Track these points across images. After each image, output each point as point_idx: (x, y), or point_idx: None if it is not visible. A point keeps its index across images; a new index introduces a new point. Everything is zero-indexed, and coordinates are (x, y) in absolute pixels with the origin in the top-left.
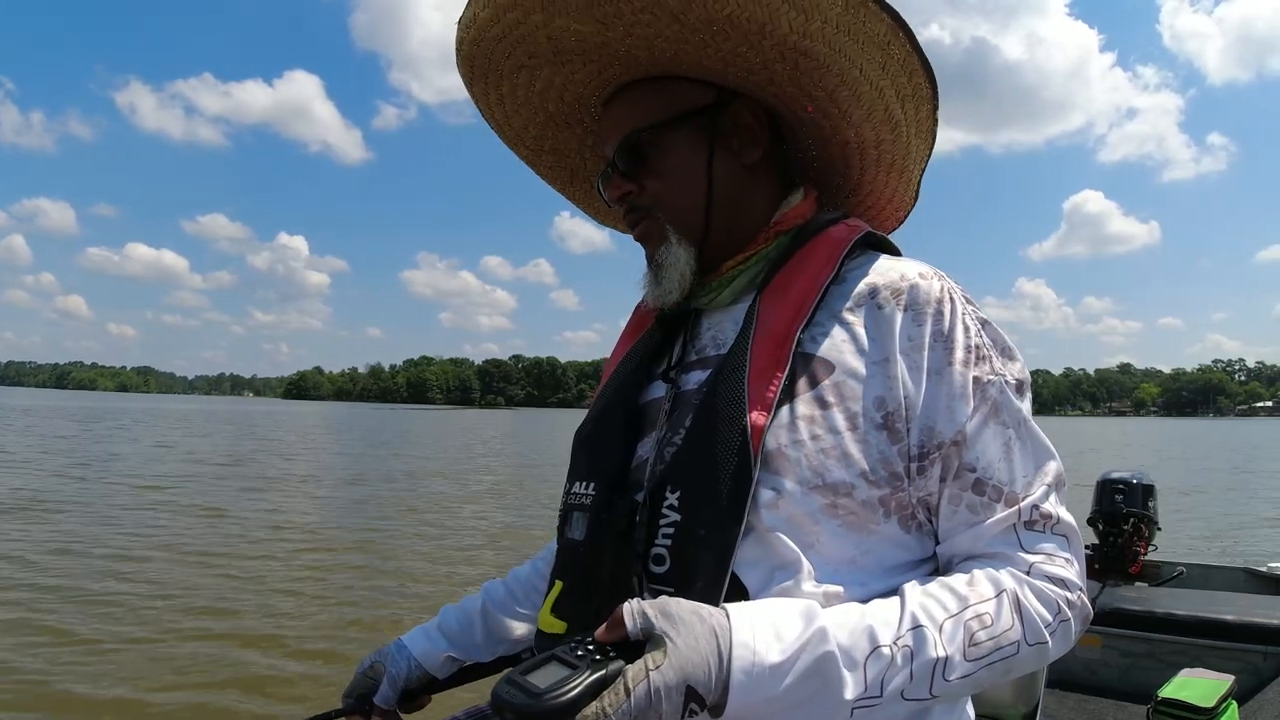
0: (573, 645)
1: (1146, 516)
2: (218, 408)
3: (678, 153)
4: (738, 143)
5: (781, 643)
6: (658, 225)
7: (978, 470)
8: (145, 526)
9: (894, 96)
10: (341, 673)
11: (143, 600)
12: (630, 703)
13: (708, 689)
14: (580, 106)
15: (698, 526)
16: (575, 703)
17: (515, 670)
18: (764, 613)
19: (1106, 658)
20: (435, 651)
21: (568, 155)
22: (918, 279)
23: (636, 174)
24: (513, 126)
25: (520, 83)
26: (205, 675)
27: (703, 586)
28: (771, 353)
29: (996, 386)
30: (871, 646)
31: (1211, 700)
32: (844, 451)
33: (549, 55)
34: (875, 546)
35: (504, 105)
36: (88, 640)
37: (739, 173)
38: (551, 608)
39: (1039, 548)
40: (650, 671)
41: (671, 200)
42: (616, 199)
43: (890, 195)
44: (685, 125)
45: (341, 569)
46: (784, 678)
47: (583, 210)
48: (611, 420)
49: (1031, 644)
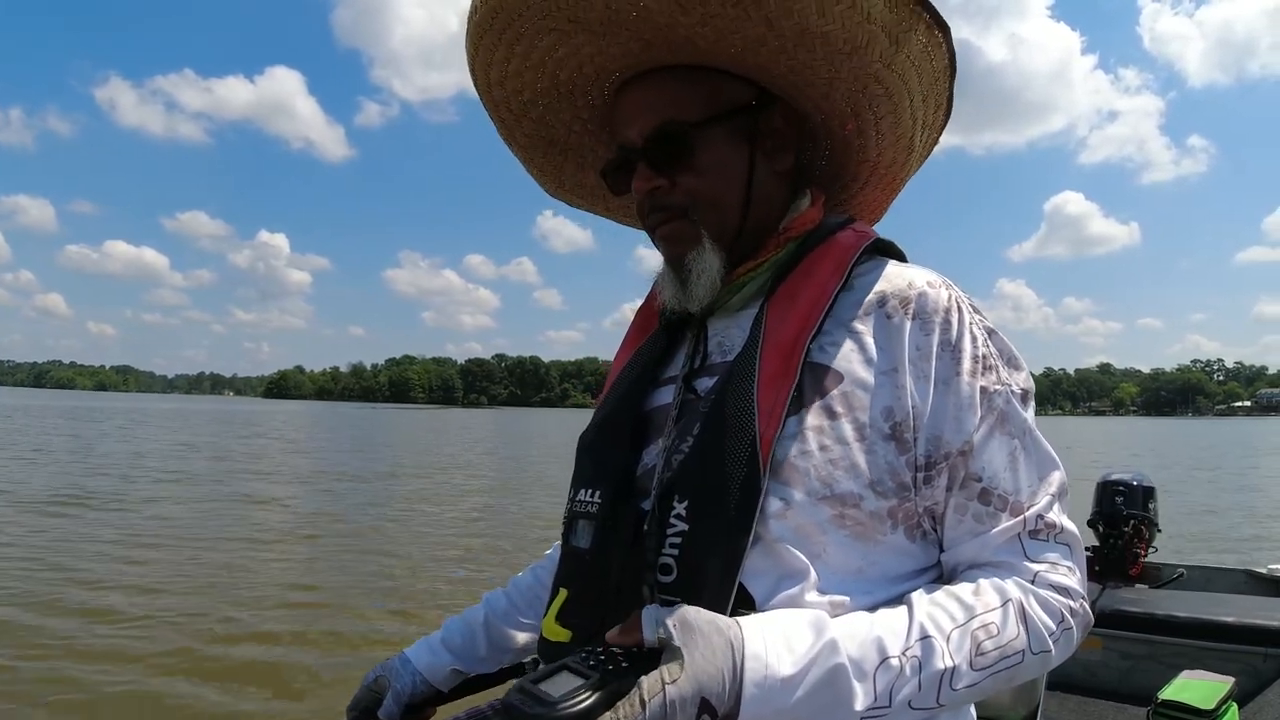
0: (584, 655)
1: (1147, 518)
2: (203, 407)
3: (719, 151)
4: (772, 146)
5: (793, 655)
6: (691, 228)
7: (984, 480)
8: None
9: (920, 126)
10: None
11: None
12: (645, 715)
13: (721, 700)
14: (594, 81)
15: (705, 536)
16: (589, 712)
17: (527, 679)
18: (775, 624)
19: (1107, 660)
20: (439, 665)
21: (553, 126)
22: (926, 288)
23: (670, 168)
24: (505, 88)
25: (542, 45)
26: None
27: (710, 596)
28: (780, 362)
29: (1003, 396)
30: (881, 658)
31: (1212, 702)
32: (852, 462)
33: (597, 24)
34: (881, 557)
35: (508, 64)
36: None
37: (772, 178)
38: (556, 616)
39: (1043, 557)
40: (666, 685)
41: (710, 201)
42: (646, 192)
43: (875, 206)
44: (728, 123)
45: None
46: (795, 690)
47: (541, 179)
48: (617, 426)
49: (1036, 652)
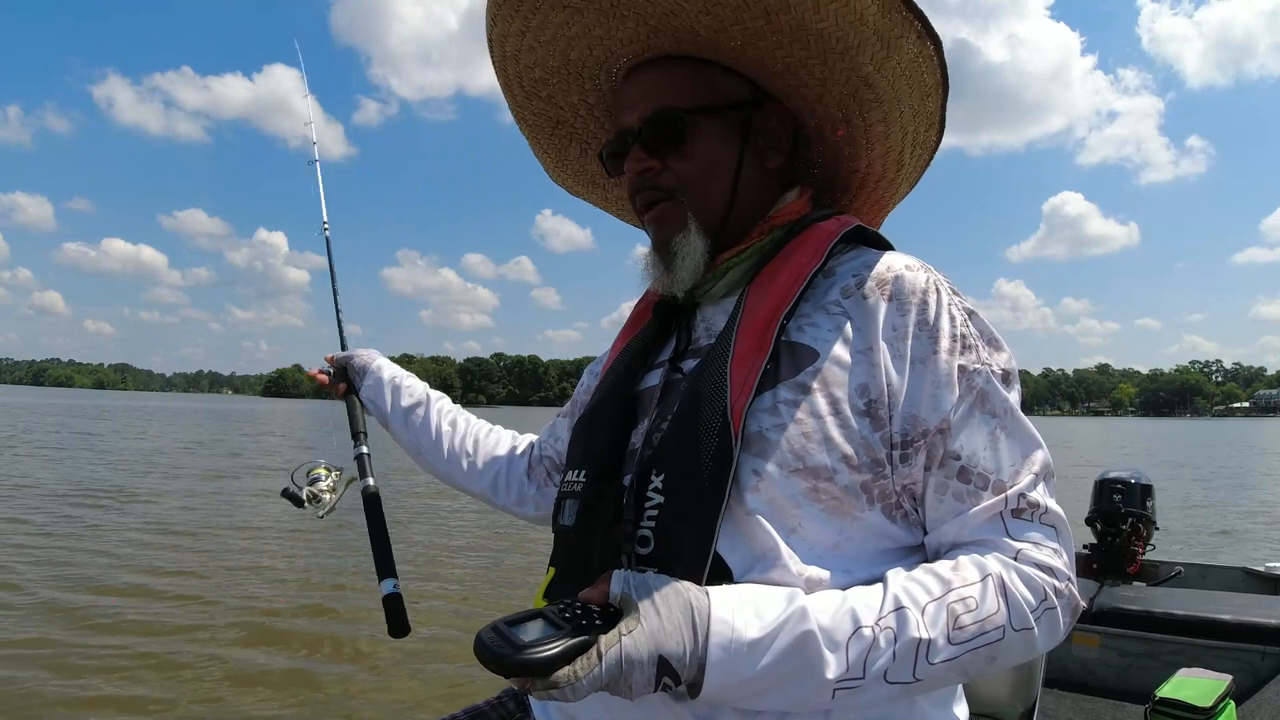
0: (562, 607)
1: (1145, 516)
2: (204, 405)
3: (711, 141)
4: (764, 144)
5: (761, 620)
6: (679, 211)
7: (963, 458)
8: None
9: (910, 143)
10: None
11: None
12: (601, 668)
13: (682, 663)
14: (602, 63)
15: (680, 508)
16: (552, 661)
17: (502, 620)
18: (747, 593)
19: (1104, 657)
20: (381, 385)
21: (561, 108)
22: (904, 270)
23: (663, 152)
24: (519, 63)
25: (555, 20)
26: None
27: (686, 567)
28: (754, 339)
29: (983, 376)
30: (853, 627)
31: (1209, 700)
32: (825, 435)
33: (607, 4)
34: (858, 533)
35: (523, 38)
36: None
37: (760, 174)
38: (544, 593)
39: (1026, 535)
40: (622, 637)
41: (697, 186)
42: (637, 172)
43: (866, 221)
44: (722, 115)
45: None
46: (762, 655)
47: (545, 159)
48: (606, 410)
49: (1017, 629)
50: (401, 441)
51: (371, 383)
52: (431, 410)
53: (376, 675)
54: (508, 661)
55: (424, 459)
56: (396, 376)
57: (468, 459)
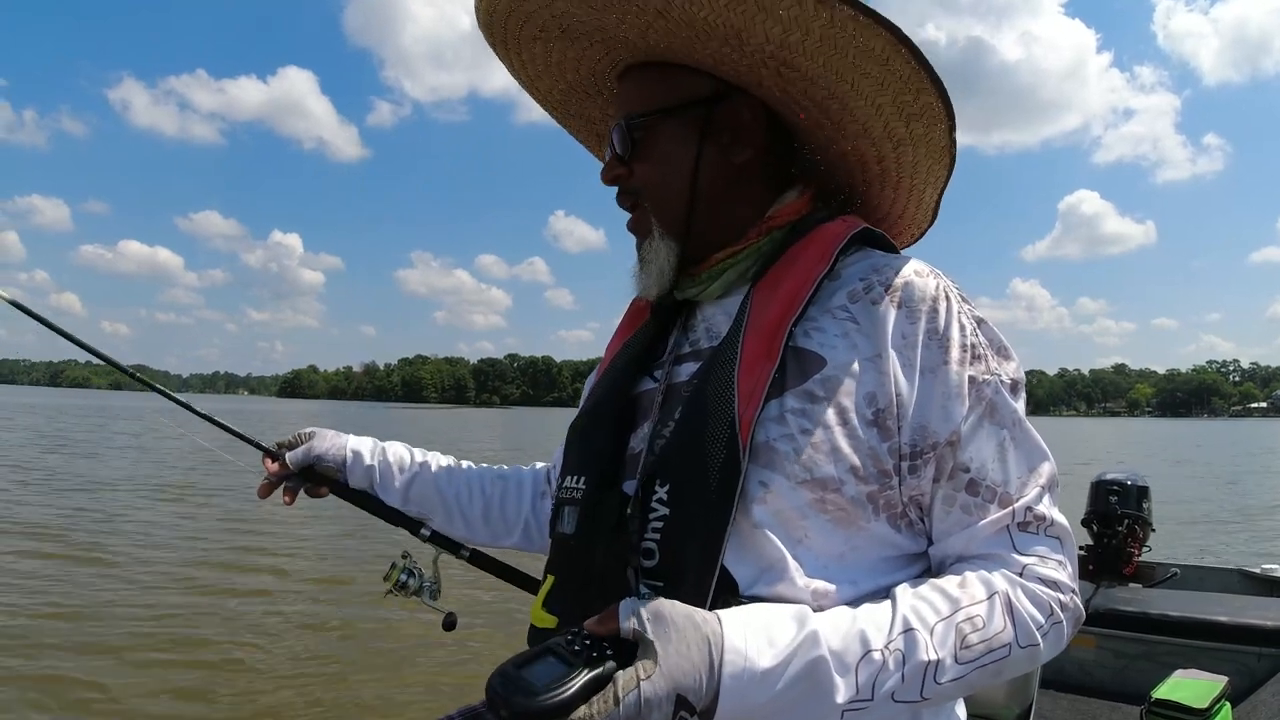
0: (569, 639)
1: (1141, 518)
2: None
3: (666, 142)
4: (729, 139)
5: (774, 648)
6: (645, 216)
7: (972, 471)
8: None
9: (895, 114)
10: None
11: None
12: (620, 711)
13: (698, 696)
14: (598, 80)
15: (686, 520)
16: (570, 703)
17: (510, 663)
18: (757, 617)
19: (1100, 658)
20: (362, 465)
21: (593, 121)
22: (913, 276)
23: (629, 158)
24: (539, 89)
25: (538, 52)
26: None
27: (692, 581)
28: (762, 346)
29: (992, 386)
30: (863, 650)
31: (1205, 701)
32: (833, 446)
33: (558, 33)
34: (864, 543)
35: (527, 70)
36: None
37: (726, 169)
38: (543, 602)
39: (1032, 549)
40: (641, 681)
41: (655, 188)
42: (609, 180)
43: (899, 212)
44: (680, 115)
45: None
46: (775, 683)
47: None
48: (603, 413)
49: (1023, 646)
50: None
51: (360, 473)
52: (430, 477)
53: (374, 673)
54: (528, 711)
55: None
56: (375, 452)
57: (489, 529)
